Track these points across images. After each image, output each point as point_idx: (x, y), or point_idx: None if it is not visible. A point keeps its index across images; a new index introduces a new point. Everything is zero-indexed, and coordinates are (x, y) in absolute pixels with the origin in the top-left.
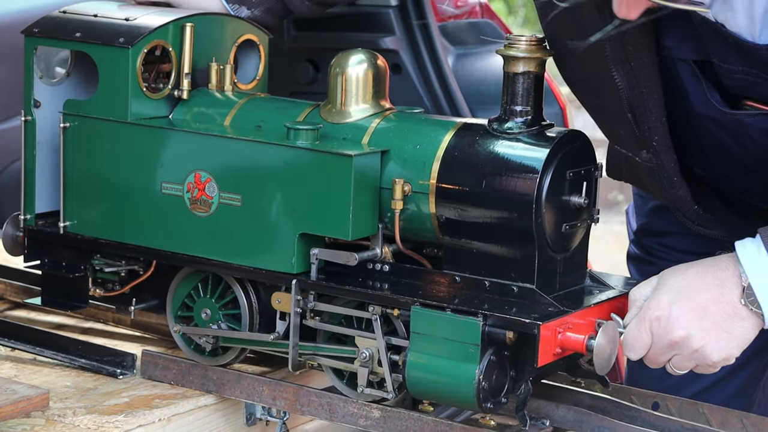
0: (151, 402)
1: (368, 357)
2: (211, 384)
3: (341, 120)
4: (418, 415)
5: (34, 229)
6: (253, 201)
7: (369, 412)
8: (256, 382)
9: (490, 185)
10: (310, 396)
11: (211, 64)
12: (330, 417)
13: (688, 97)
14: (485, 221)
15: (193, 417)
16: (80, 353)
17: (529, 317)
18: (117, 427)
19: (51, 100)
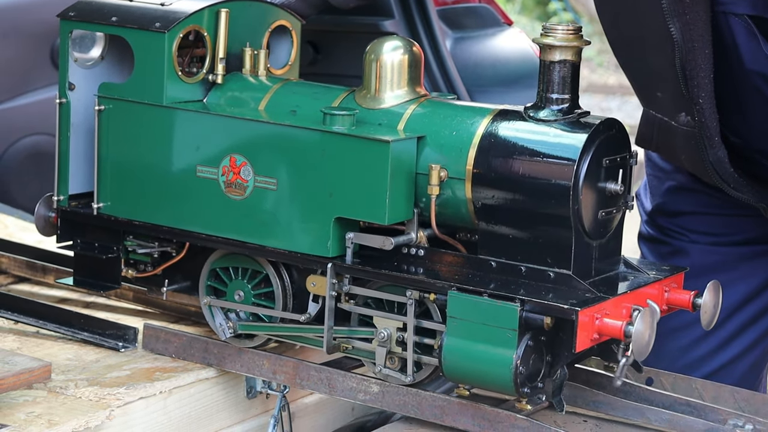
0: (152, 375)
1: (386, 337)
2: (212, 357)
3: (376, 106)
4: (416, 391)
5: (68, 210)
6: (288, 185)
7: (368, 386)
8: (257, 356)
9: (527, 171)
10: (309, 370)
11: (245, 49)
12: (329, 391)
13: (740, 53)
14: (522, 207)
15: (194, 390)
16: (83, 326)
17: (567, 303)
18: (118, 399)
19: (85, 82)
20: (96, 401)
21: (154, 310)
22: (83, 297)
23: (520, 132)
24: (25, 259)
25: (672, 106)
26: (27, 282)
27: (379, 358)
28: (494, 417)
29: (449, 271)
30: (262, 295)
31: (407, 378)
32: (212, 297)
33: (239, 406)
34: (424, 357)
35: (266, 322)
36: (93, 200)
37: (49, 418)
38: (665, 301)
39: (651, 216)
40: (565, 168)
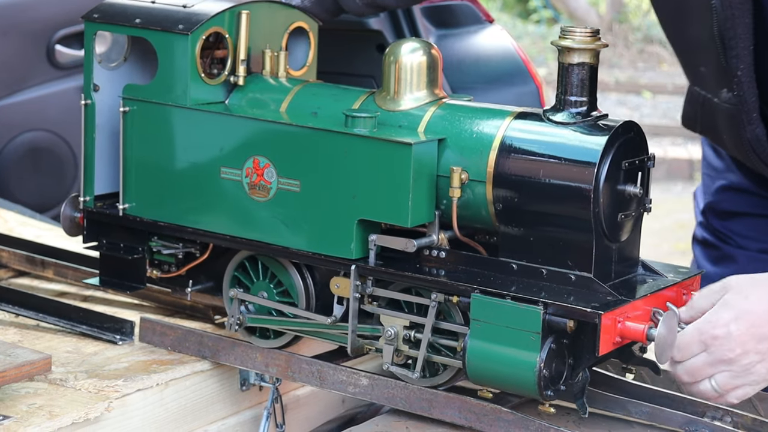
0: (149, 367)
1: (393, 335)
2: (207, 350)
3: (396, 108)
4: (404, 384)
5: (93, 210)
6: (312, 187)
7: (357, 379)
8: (250, 350)
9: (548, 174)
10: (301, 363)
11: (266, 50)
12: (320, 384)
13: None
14: (543, 210)
15: (189, 382)
16: (81, 320)
17: (590, 306)
18: (116, 390)
19: (109, 84)
20: (95, 393)
21: (151, 304)
22: (81, 291)
23: (540, 134)
24: (25, 253)
25: (714, 82)
26: (27, 276)
27: (386, 356)
28: (480, 410)
29: (471, 274)
30: (285, 295)
31: (414, 374)
32: (239, 290)
33: (233, 398)
34: (446, 358)
35: (286, 318)
36: (118, 201)
37: (50, 409)
38: (683, 304)
39: (704, 215)
40: (586, 171)
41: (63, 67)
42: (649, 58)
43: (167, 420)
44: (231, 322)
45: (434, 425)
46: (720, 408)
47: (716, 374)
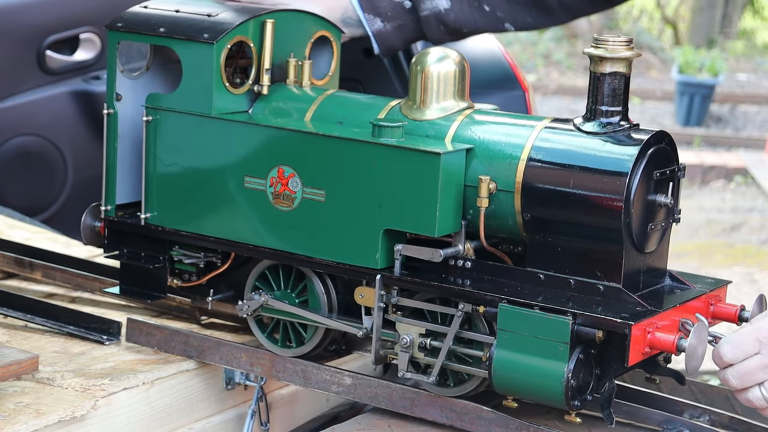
0: (135, 366)
1: (409, 342)
2: (193, 350)
3: (423, 117)
4: (386, 383)
5: (115, 220)
6: (337, 196)
7: (341, 379)
8: (235, 349)
9: (578, 185)
10: (285, 363)
11: (290, 59)
12: (304, 383)
13: None
14: (572, 220)
15: (175, 381)
16: (69, 320)
17: (620, 317)
18: (103, 389)
19: (131, 93)
20: (81, 392)
21: (137, 305)
22: (69, 292)
23: (571, 144)
24: (14, 255)
25: None
26: (15, 278)
27: (401, 363)
28: (461, 409)
29: (497, 284)
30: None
31: (430, 379)
32: (269, 295)
33: (218, 397)
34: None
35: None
36: (140, 210)
37: (37, 407)
38: (710, 314)
39: None
40: (617, 181)
41: (53, 73)
42: (639, 64)
43: (153, 418)
44: (242, 307)
45: (416, 424)
46: (699, 406)
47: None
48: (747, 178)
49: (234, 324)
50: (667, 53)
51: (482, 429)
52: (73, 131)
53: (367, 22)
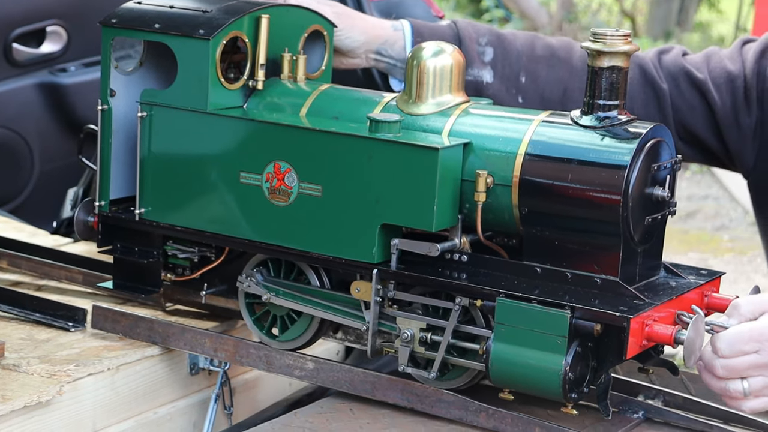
0: (100, 353)
1: (409, 337)
2: (157, 336)
3: (419, 111)
4: (348, 367)
5: (109, 215)
6: (334, 191)
7: (303, 363)
8: (199, 335)
9: (576, 179)
10: (248, 348)
11: (284, 54)
12: (267, 368)
13: None
14: (570, 214)
15: (140, 367)
16: (35, 308)
17: (618, 310)
18: (68, 375)
19: (124, 89)
20: (47, 378)
21: (103, 293)
22: (35, 281)
23: (568, 139)
24: None
25: None
26: None
27: (402, 358)
28: (422, 392)
29: (494, 277)
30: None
31: (431, 375)
32: (273, 294)
33: (183, 382)
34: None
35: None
36: (133, 205)
37: (3, 393)
38: (705, 306)
39: None
40: (616, 175)
41: (20, 65)
42: None
43: (118, 403)
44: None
45: (377, 407)
46: (653, 388)
47: (754, 377)
48: (702, 167)
49: (198, 310)
50: None
51: (442, 411)
52: (39, 123)
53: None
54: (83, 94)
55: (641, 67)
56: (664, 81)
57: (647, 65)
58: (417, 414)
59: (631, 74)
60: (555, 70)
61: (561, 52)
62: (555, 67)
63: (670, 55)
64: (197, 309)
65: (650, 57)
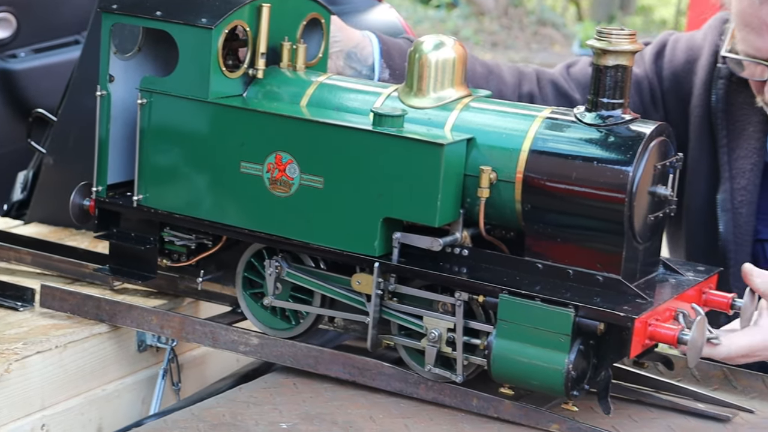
0: (48, 331)
1: (437, 337)
2: (105, 314)
3: (422, 105)
4: (292, 342)
5: (106, 200)
6: (336, 184)
7: (248, 339)
8: (146, 313)
9: (581, 177)
10: (194, 325)
11: (284, 43)
12: (213, 344)
13: None
14: (573, 212)
15: (87, 344)
16: None
17: (623, 310)
18: (16, 353)
19: (123, 74)
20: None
21: (51, 273)
22: None
23: (573, 136)
24: None
25: None
26: None
27: (428, 358)
28: (363, 365)
29: (495, 273)
30: (299, 288)
31: (458, 378)
32: (272, 297)
33: (131, 359)
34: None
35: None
36: (129, 190)
37: None
38: (703, 302)
39: None
40: (621, 174)
41: None
42: (543, 39)
43: (66, 380)
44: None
45: (320, 381)
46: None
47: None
48: None
49: (147, 289)
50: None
51: (383, 384)
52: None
53: (379, 68)
54: (33, 79)
55: (553, 82)
56: (575, 91)
57: (558, 79)
58: (359, 387)
59: (546, 90)
60: (491, 86)
61: (495, 69)
62: (491, 83)
63: (577, 66)
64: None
65: (559, 71)
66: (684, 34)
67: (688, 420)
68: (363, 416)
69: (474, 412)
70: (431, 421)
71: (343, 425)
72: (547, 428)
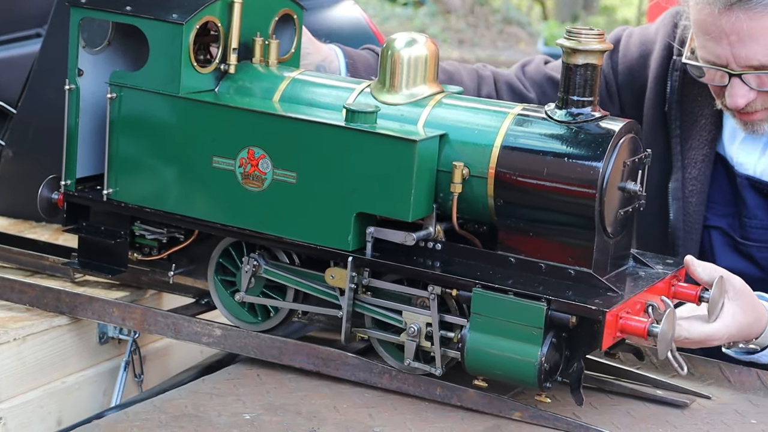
0: (6, 323)
1: (416, 331)
2: (65, 306)
3: (394, 101)
4: (255, 334)
5: (75, 194)
6: (309, 179)
7: (211, 330)
8: (107, 305)
9: (552, 172)
10: (156, 316)
11: (256, 38)
12: (175, 335)
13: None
14: (545, 207)
15: (47, 336)
16: None
17: (594, 303)
18: None
19: (92, 68)
20: None
21: (11, 266)
22: None
23: (544, 133)
24: None
25: None
26: None
27: (408, 352)
28: (327, 356)
29: (469, 267)
30: (271, 282)
31: (437, 371)
32: (244, 293)
33: (92, 351)
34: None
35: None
36: (98, 183)
37: None
38: (672, 295)
39: None
40: (591, 170)
41: None
42: (508, 38)
43: (25, 373)
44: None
45: (284, 371)
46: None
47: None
48: None
49: (109, 281)
50: (534, 27)
51: (347, 374)
52: None
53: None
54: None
55: (507, 83)
56: (530, 90)
57: (512, 80)
58: (323, 377)
59: (502, 92)
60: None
61: (456, 74)
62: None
63: (532, 65)
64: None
65: (514, 72)
66: (637, 29)
67: (647, 406)
68: (327, 406)
69: (438, 400)
70: (395, 410)
71: (307, 415)
72: (510, 416)
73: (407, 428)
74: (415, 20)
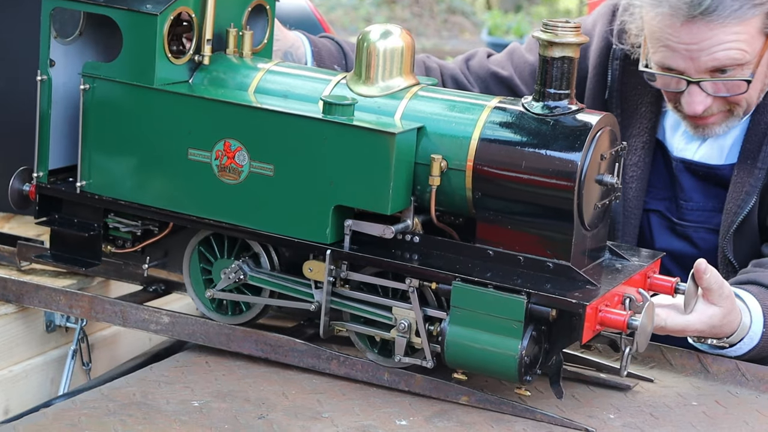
0: None
1: (407, 327)
2: (11, 294)
3: (371, 93)
4: (204, 320)
5: (47, 186)
6: (286, 171)
7: (159, 318)
8: (54, 292)
9: (530, 165)
10: (104, 304)
11: (230, 29)
12: (123, 323)
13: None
14: (523, 200)
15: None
16: None
17: (574, 297)
18: None
19: (64, 59)
20: None
21: None
22: None
23: (522, 126)
24: None
25: None
26: None
27: (398, 348)
28: (275, 342)
29: (447, 260)
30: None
31: (428, 363)
32: (212, 289)
33: (39, 339)
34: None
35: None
36: (71, 175)
37: None
38: (648, 287)
39: None
40: (569, 163)
41: None
42: (453, 27)
43: None
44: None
45: (233, 359)
46: None
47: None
48: None
49: (56, 269)
50: (478, 17)
51: (295, 360)
52: None
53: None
54: None
55: (452, 77)
56: (474, 85)
57: (457, 74)
58: (271, 364)
59: (448, 85)
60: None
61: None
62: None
63: (475, 60)
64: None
65: (459, 66)
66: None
67: (591, 390)
68: (276, 393)
69: (385, 386)
70: (344, 396)
71: (256, 402)
72: (457, 400)
73: (355, 413)
74: (360, 9)
